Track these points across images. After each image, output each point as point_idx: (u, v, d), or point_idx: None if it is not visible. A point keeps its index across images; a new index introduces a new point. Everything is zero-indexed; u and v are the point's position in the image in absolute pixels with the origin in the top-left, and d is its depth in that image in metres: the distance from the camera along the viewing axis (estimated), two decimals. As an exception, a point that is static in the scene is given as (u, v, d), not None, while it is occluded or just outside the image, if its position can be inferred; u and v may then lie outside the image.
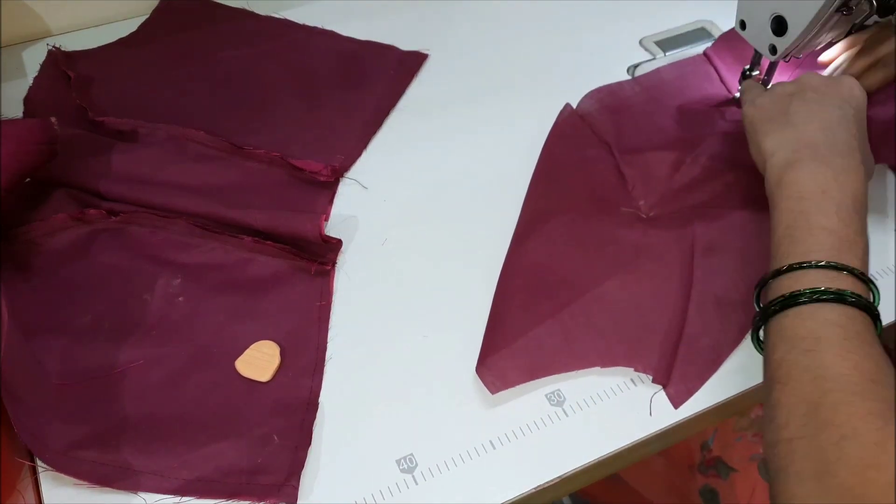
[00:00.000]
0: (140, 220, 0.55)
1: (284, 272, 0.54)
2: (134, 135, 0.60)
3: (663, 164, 0.59)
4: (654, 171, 0.59)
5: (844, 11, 0.53)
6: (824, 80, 0.51)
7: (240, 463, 0.45)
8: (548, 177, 0.59)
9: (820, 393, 0.37)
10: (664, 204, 0.57)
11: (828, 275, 0.41)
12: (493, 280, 0.54)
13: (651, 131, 0.62)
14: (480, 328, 0.51)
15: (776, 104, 0.50)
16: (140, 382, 0.48)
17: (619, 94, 0.65)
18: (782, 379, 0.39)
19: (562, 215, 0.56)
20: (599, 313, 0.50)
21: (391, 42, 0.71)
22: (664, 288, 0.52)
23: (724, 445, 0.71)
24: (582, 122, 0.63)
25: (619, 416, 0.47)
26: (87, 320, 0.50)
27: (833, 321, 0.39)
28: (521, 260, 0.53)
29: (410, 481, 0.45)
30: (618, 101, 0.65)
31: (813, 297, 0.40)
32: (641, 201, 0.58)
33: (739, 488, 0.69)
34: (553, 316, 0.50)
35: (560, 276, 0.52)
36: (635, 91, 0.66)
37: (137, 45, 0.70)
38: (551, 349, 0.49)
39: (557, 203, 0.57)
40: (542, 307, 0.50)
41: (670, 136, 0.62)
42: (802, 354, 0.39)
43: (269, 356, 0.49)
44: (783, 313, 0.41)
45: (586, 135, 0.63)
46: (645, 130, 0.62)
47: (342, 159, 0.61)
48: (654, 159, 0.59)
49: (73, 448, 0.44)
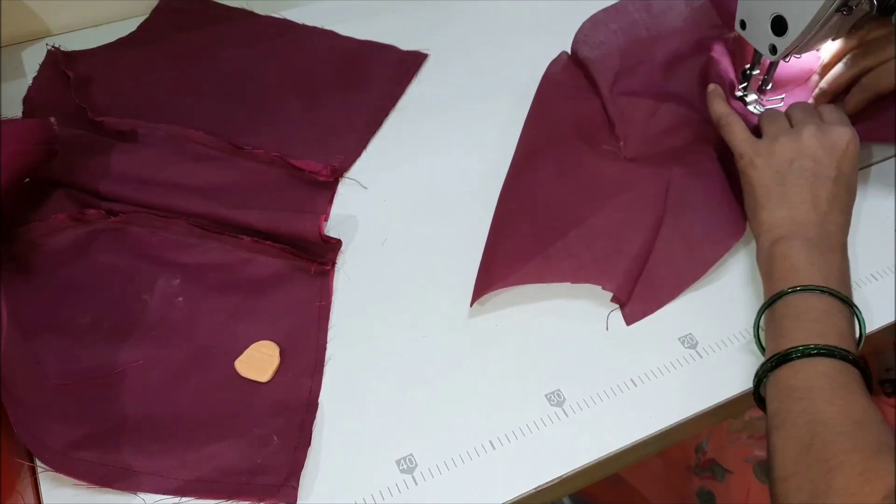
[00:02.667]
0: (139, 220, 0.55)
1: (284, 272, 0.54)
2: (133, 135, 0.60)
3: (642, 109, 0.63)
4: (635, 115, 0.62)
5: (844, 11, 0.53)
6: (822, 144, 0.52)
7: (239, 463, 0.45)
8: (539, 118, 0.64)
9: (811, 435, 0.41)
10: (642, 146, 0.61)
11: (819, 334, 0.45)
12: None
13: (640, 74, 0.65)
14: (480, 328, 0.51)
15: (776, 173, 0.52)
16: (139, 383, 0.48)
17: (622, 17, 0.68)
18: (778, 425, 0.43)
19: (549, 150, 0.61)
20: (576, 236, 0.55)
21: (391, 42, 0.71)
22: (636, 219, 0.56)
23: (718, 448, 0.72)
24: (574, 67, 0.68)
25: (619, 416, 0.47)
26: (87, 320, 0.50)
27: (823, 373, 0.43)
28: (512, 189, 0.58)
29: (410, 482, 0.45)
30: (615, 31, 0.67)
31: (805, 353, 0.44)
32: (622, 142, 0.62)
33: (735, 490, 0.69)
34: (534, 235, 0.54)
35: (543, 202, 0.57)
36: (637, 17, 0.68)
37: (137, 45, 0.70)
38: (529, 261, 0.53)
39: (546, 140, 0.62)
40: (525, 227, 0.55)
41: (656, 82, 0.65)
42: (795, 402, 0.43)
43: (269, 356, 0.49)
44: (779, 368, 0.45)
45: (577, 77, 0.67)
46: (635, 72, 0.65)
47: (342, 159, 0.61)
48: (636, 104, 0.63)
49: (73, 448, 0.44)
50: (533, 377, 0.49)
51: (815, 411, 0.42)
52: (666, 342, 0.51)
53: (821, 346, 0.44)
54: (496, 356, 0.50)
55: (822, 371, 0.43)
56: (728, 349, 0.51)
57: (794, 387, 0.44)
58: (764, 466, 0.72)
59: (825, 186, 0.51)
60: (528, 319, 0.52)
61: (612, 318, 0.52)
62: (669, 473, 0.75)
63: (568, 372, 0.49)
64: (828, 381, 0.43)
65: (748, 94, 0.64)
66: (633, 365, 0.50)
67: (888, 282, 0.55)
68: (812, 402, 0.42)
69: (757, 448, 0.71)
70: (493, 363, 0.50)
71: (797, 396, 0.43)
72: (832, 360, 0.43)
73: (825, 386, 0.43)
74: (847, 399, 0.42)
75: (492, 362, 0.50)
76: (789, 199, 0.51)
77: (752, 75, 0.63)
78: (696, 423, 0.48)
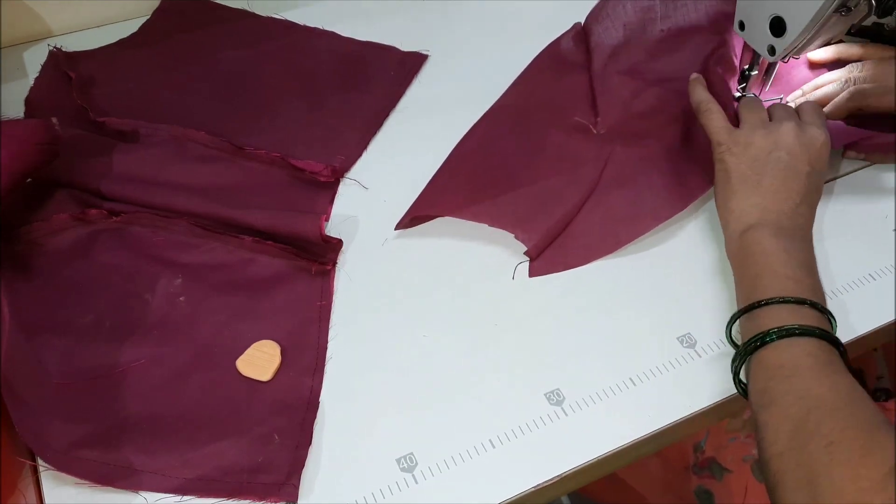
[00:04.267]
0: (141, 220, 0.55)
1: (285, 272, 0.54)
2: (135, 135, 0.60)
3: (629, 88, 0.64)
4: (621, 93, 0.64)
5: (843, 12, 0.53)
6: (799, 140, 0.53)
7: (241, 462, 0.45)
8: (523, 80, 0.67)
9: (804, 411, 0.41)
10: (617, 124, 0.63)
11: (797, 312, 0.45)
12: (493, 279, 0.54)
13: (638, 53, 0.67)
14: (481, 328, 0.52)
15: (753, 161, 0.53)
16: (141, 382, 0.48)
17: None
18: (766, 403, 0.43)
19: (517, 110, 0.64)
20: (512, 189, 0.58)
21: (391, 43, 0.72)
22: (570, 188, 0.58)
23: (716, 446, 0.72)
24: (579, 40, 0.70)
25: (618, 415, 0.47)
26: (89, 320, 0.51)
27: (808, 352, 0.44)
28: (473, 134, 0.62)
29: (410, 480, 0.45)
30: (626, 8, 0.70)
31: (789, 333, 0.44)
32: (599, 117, 0.63)
33: (733, 489, 0.69)
34: (477, 177, 0.58)
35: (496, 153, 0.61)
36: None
37: (138, 45, 0.71)
38: (465, 198, 0.57)
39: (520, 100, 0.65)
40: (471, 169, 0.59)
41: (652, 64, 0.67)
42: (783, 381, 0.43)
43: (270, 356, 0.49)
44: (762, 348, 0.45)
45: (576, 51, 0.69)
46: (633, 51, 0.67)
47: (343, 160, 0.61)
48: (625, 82, 0.65)
49: (75, 447, 0.44)
50: (532, 376, 0.49)
51: (805, 388, 0.42)
52: (665, 341, 0.51)
53: (803, 326, 0.44)
54: (496, 356, 0.50)
55: (807, 350, 0.43)
56: (726, 348, 0.51)
57: (779, 364, 0.44)
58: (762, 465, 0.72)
59: (798, 180, 0.51)
60: (528, 319, 0.52)
61: (612, 319, 0.53)
62: (667, 472, 0.75)
63: (567, 371, 0.49)
64: (814, 359, 0.43)
65: (747, 95, 0.64)
66: (632, 364, 0.50)
67: (888, 281, 0.55)
68: (801, 381, 0.42)
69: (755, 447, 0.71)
70: (492, 362, 0.50)
71: (785, 374, 0.43)
72: (814, 339, 0.44)
73: (812, 364, 0.43)
74: (834, 377, 0.42)
75: (491, 362, 0.50)
76: (763, 187, 0.51)
77: (751, 76, 0.63)
78: (694, 423, 0.49)
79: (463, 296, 0.53)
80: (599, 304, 0.53)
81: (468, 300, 0.53)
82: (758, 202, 0.51)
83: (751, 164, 0.53)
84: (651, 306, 0.53)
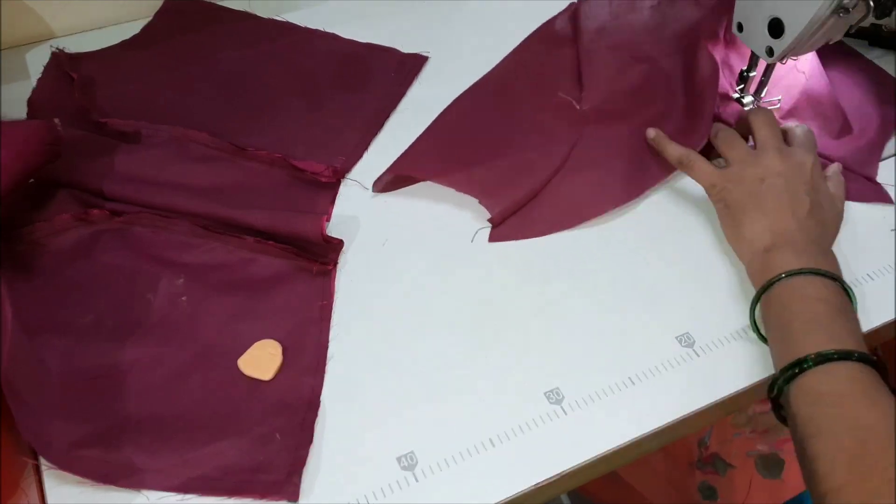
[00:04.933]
0: (143, 220, 0.55)
1: (286, 272, 0.54)
2: (137, 136, 0.61)
3: (614, 65, 0.66)
4: (606, 69, 0.66)
5: (841, 13, 0.53)
6: (787, 164, 0.54)
7: (242, 461, 0.45)
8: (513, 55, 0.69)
9: (858, 443, 0.40)
10: (601, 100, 0.64)
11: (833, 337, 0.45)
12: (494, 279, 0.55)
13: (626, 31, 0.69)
14: (481, 328, 0.52)
15: (750, 193, 0.54)
16: (143, 381, 0.48)
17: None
18: (814, 433, 0.42)
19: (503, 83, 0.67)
20: (488, 160, 0.60)
21: (392, 44, 0.72)
22: (539, 163, 0.60)
23: (721, 442, 0.72)
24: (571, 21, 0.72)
25: (617, 414, 0.48)
26: (91, 319, 0.51)
27: (850, 377, 0.43)
28: (458, 105, 0.65)
29: (411, 479, 0.45)
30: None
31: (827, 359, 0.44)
32: (584, 91, 0.65)
33: (737, 484, 0.69)
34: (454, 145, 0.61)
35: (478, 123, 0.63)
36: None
37: (140, 46, 0.71)
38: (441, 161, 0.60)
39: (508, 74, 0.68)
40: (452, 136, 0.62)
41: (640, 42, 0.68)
42: (830, 408, 0.42)
43: (272, 355, 0.49)
44: (802, 374, 0.44)
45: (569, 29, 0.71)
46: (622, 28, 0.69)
47: (343, 160, 0.62)
48: (610, 58, 0.66)
49: (77, 446, 0.44)
50: (532, 375, 0.49)
51: (853, 417, 0.41)
52: (664, 341, 0.51)
53: (840, 350, 0.44)
54: (496, 355, 0.50)
55: (848, 375, 0.43)
56: (725, 348, 0.51)
57: (822, 392, 0.43)
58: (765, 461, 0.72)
59: (798, 197, 0.52)
60: (528, 318, 0.52)
61: (611, 319, 0.53)
62: (670, 468, 0.75)
63: (567, 370, 0.50)
64: (857, 385, 0.43)
65: (745, 97, 0.65)
66: (632, 363, 0.50)
67: (888, 281, 0.55)
68: (848, 409, 0.42)
69: (759, 443, 0.71)
70: (492, 361, 0.50)
71: (829, 402, 0.43)
72: (852, 363, 0.43)
73: (856, 391, 0.42)
74: (880, 402, 0.42)
75: (491, 360, 0.50)
76: (766, 209, 0.52)
77: (750, 77, 0.63)
78: (693, 422, 0.49)
79: (463, 296, 0.54)
80: (599, 304, 0.53)
81: (468, 300, 0.53)
82: (767, 224, 0.52)
83: (748, 195, 0.53)
84: (650, 306, 0.53)
